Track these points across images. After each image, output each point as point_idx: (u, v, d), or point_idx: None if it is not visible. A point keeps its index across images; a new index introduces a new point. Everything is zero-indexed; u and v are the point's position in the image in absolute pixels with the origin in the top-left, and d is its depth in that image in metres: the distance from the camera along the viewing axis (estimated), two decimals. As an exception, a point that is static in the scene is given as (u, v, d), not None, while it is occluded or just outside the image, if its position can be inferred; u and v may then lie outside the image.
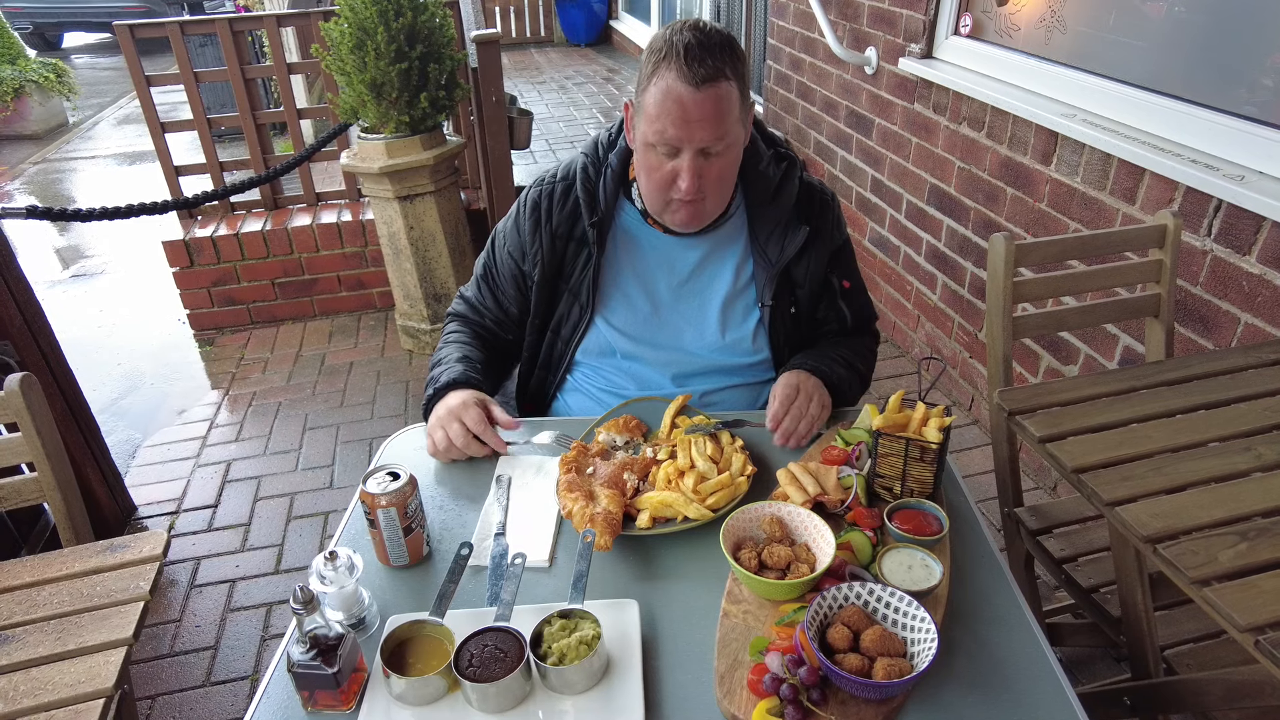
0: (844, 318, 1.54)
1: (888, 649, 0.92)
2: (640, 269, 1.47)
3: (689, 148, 1.24)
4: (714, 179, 1.30)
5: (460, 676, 0.91)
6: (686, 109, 1.20)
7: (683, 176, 1.26)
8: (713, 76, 1.19)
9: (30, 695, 1.20)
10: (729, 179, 1.35)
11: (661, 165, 1.28)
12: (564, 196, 1.44)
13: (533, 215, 1.45)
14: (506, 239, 1.52)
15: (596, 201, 1.42)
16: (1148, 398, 1.31)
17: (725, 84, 1.21)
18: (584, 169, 1.44)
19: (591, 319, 1.47)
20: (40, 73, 7.17)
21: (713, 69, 1.19)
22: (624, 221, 1.46)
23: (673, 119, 1.21)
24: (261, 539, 2.48)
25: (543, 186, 1.47)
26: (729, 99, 1.22)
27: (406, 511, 1.10)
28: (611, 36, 8.01)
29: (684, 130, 1.22)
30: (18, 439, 1.46)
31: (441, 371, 1.43)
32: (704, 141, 1.23)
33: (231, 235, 3.55)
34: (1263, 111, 1.78)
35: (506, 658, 0.94)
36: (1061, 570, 1.52)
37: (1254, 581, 0.95)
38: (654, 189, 1.32)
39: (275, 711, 0.94)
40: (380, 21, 2.73)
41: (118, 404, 3.25)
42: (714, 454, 1.27)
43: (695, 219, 1.36)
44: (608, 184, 1.43)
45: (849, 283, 1.53)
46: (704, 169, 1.27)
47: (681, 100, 1.20)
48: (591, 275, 1.43)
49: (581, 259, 1.44)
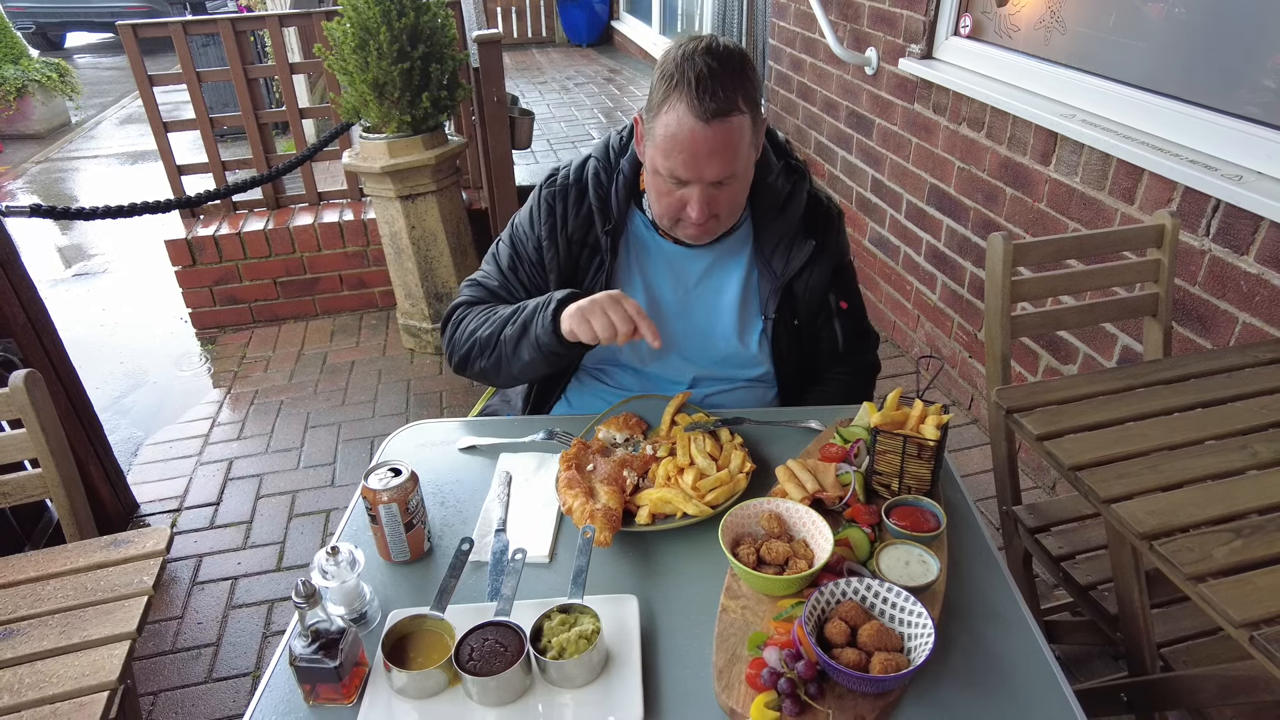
0: (836, 338, 1.52)
1: (885, 644, 0.93)
2: (648, 278, 1.46)
3: (698, 183, 1.23)
4: (724, 205, 1.29)
5: (461, 670, 0.92)
6: (697, 145, 1.18)
7: (692, 206, 1.25)
8: (724, 110, 1.17)
9: (35, 688, 1.21)
10: (739, 201, 1.33)
11: (671, 192, 1.27)
12: (579, 201, 1.42)
13: (548, 219, 1.42)
14: (526, 235, 1.47)
15: (609, 208, 1.41)
16: (1145, 396, 1.32)
17: (737, 117, 1.19)
18: (596, 174, 1.42)
19: None
20: (43, 72, 7.18)
21: (724, 102, 1.16)
22: (635, 229, 1.45)
23: (683, 157, 1.20)
24: (263, 537, 2.49)
25: (555, 188, 1.43)
26: (740, 131, 1.20)
27: (408, 507, 1.11)
28: (613, 37, 8.01)
29: (693, 169, 1.21)
30: (21, 435, 1.47)
31: (542, 300, 1.32)
32: (714, 177, 1.22)
33: (234, 234, 3.56)
34: (1262, 112, 1.79)
35: (507, 652, 0.94)
36: (1059, 568, 1.53)
37: (1249, 578, 0.96)
38: (663, 211, 1.31)
39: (277, 705, 0.95)
40: (383, 21, 2.74)
41: (120, 402, 3.26)
42: (713, 451, 1.28)
43: (704, 235, 1.35)
44: (620, 190, 1.41)
45: (846, 303, 1.51)
46: (714, 198, 1.26)
47: (693, 136, 1.18)
48: (604, 282, 1.42)
49: (594, 265, 1.43)
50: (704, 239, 1.37)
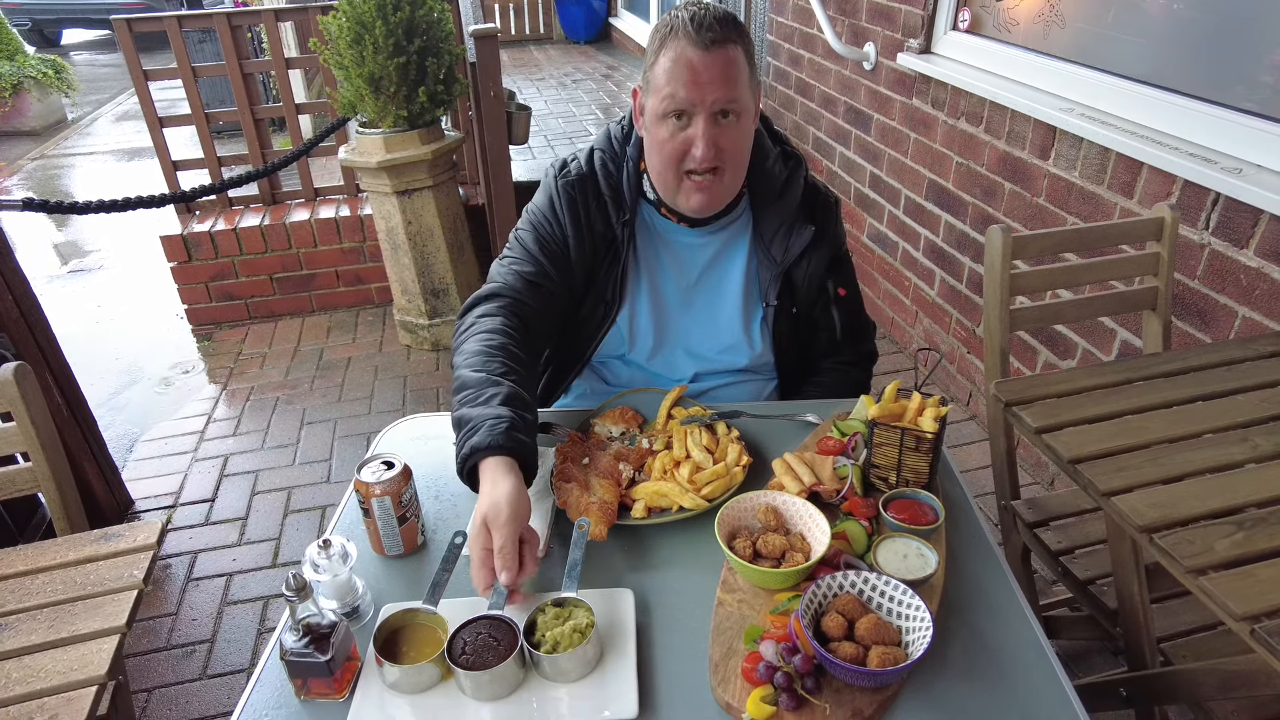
0: (834, 326, 1.51)
1: (882, 637, 0.92)
2: (654, 269, 1.45)
3: (702, 110, 1.22)
4: (729, 149, 1.27)
5: (454, 665, 0.91)
6: (697, 70, 1.20)
7: (697, 144, 1.24)
8: (721, 40, 1.20)
9: (22, 683, 1.20)
10: (743, 153, 1.32)
11: (674, 136, 1.25)
12: (596, 192, 1.39)
13: (570, 209, 1.38)
14: (549, 220, 1.40)
15: (622, 198, 1.39)
16: (1144, 389, 1.31)
17: (734, 48, 1.22)
18: (604, 164, 1.40)
19: (615, 319, 1.43)
20: (39, 69, 7.16)
21: (721, 34, 1.20)
22: (644, 218, 1.43)
23: (684, 81, 1.21)
24: (259, 533, 2.47)
25: (571, 177, 1.39)
26: (739, 63, 1.23)
27: (401, 501, 1.10)
28: (611, 34, 7.99)
29: (696, 91, 1.21)
30: (11, 429, 1.45)
31: (483, 416, 1.11)
32: (717, 102, 1.22)
33: (229, 230, 3.54)
34: (1261, 105, 1.78)
35: (500, 645, 0.93)
36: (1058, 562, 1.52)
37: (1250, 571, 0.95)
38: (666, 163, 1.29)
39: (268, 700, 0.94)
40: (378, 15, 2.73)
41: (116, 399, 3.24)
42: (710, 444, 1.27)
43: (710, 200, 1.32)
44: (630, 177, 1.39)
45: (844, 290, 1.50)
46: (718, 136, 1.24)
47: (692, 63, 1.20)
48: (619, 274, 1.40)
49: (608, 257, 1.41)
50: (709, 206, 1.33)
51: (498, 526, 0.99)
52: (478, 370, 1.18)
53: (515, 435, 1.08)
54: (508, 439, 1.07)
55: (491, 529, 1.00)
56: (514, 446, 1.07)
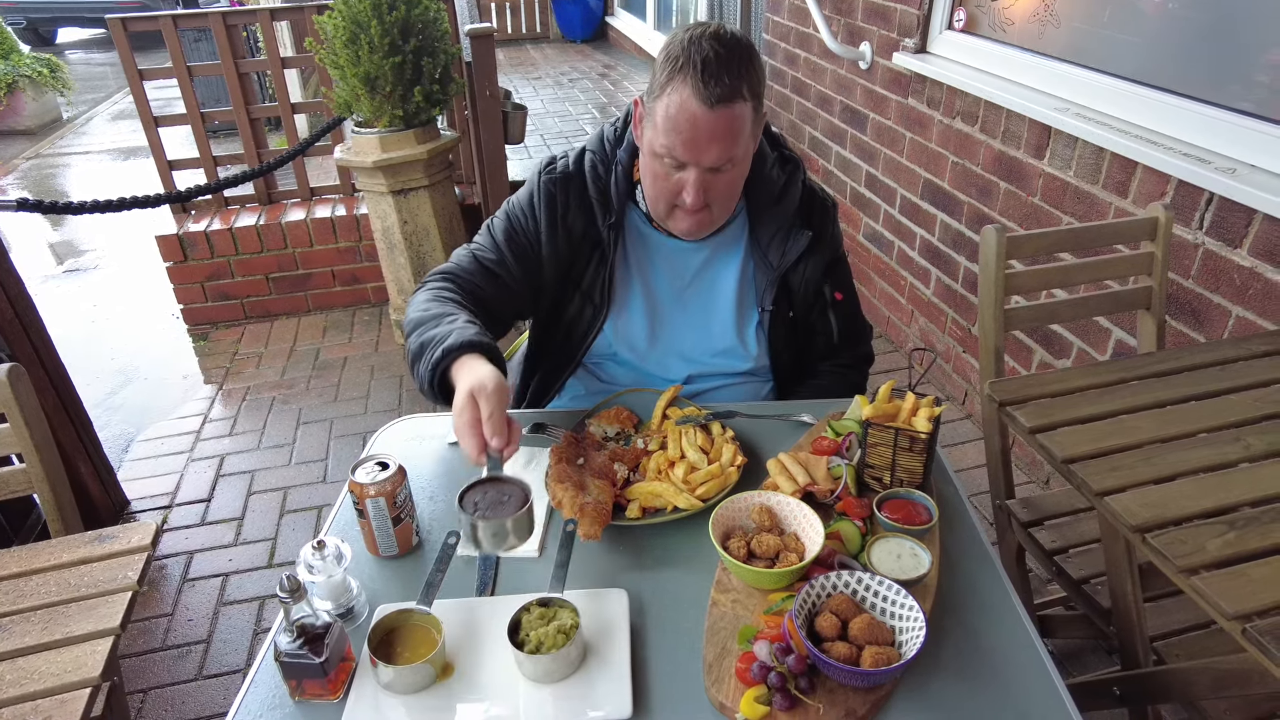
0: (831, 330, 1.51)
1: (876, 637, 0.92)
2: (646, 273, 1.44)
3: (696, 167, 1.22)
4: (720, 192, 1.27)
5: (469, 517, 0.98)
6: (698, 128, 1.17)
7: (688, 191, 1.24)
8: (728, 97, 1.15)
9: (16, 685, 1.20)
10: (735, 191, 1.32)
11: (668, 175, 1.25)
12: (580, 192, 1.39)
13: (548, 207, 1.38)
14: (525, 215, 1.42)
15: (609, 201, 1.38)
16: (1138, 389, 1.31)
17: (740, 104, 1.17)
18: (593, 167, 1.39)
19: (604, 321, 1.43)
20: (34, 68, 7.13)
21: (729, 89, 1.15)
22: (632, 223, 1.43)
23: (683, 138, 1.18)
24: (254, 533, 2.47)
25: (556, 175, 1.40)
26: (742, 118, 1.19)
27: (395, 501, 1.10)
28: (608, 33, 7.99)
29: (693, 151, 1.20)
30: (5, 430, 1.45)
31: (441, 334, 1.15)
32: (713, 162, 1.21)
33: (225, 230, 3.54)
34: (1256, 105, 1.78)
35: (509, 501, 1.00)
36: (1052, 561, 1.52)
37: (1242, 570, 0.96)
38: (658, 196, 1.30)
39: (263, 701, 0.94)
40: (374, 14, 2.72)
41: (111, 399, 3.24)
42: (704, 444, 1.27)
43: (699, 229, 1.33)
44: (619, 181, 1.39)
45: (841, 294, 1.50)
46: (710, 183, 1.25)
47: (694, 119, 1.16)
48: (606, 276, 1.40)
49: (595, 259, 1.41)
50: (696, 233, 1.35)
51: (485, 396, 1.02)
52: (430, 309, 1.23)
53: (485, 339, 1.11)
54: (480, 336, 1.11)
55: (479, 399, 1.02)
56: (489, 344, 1.10)
